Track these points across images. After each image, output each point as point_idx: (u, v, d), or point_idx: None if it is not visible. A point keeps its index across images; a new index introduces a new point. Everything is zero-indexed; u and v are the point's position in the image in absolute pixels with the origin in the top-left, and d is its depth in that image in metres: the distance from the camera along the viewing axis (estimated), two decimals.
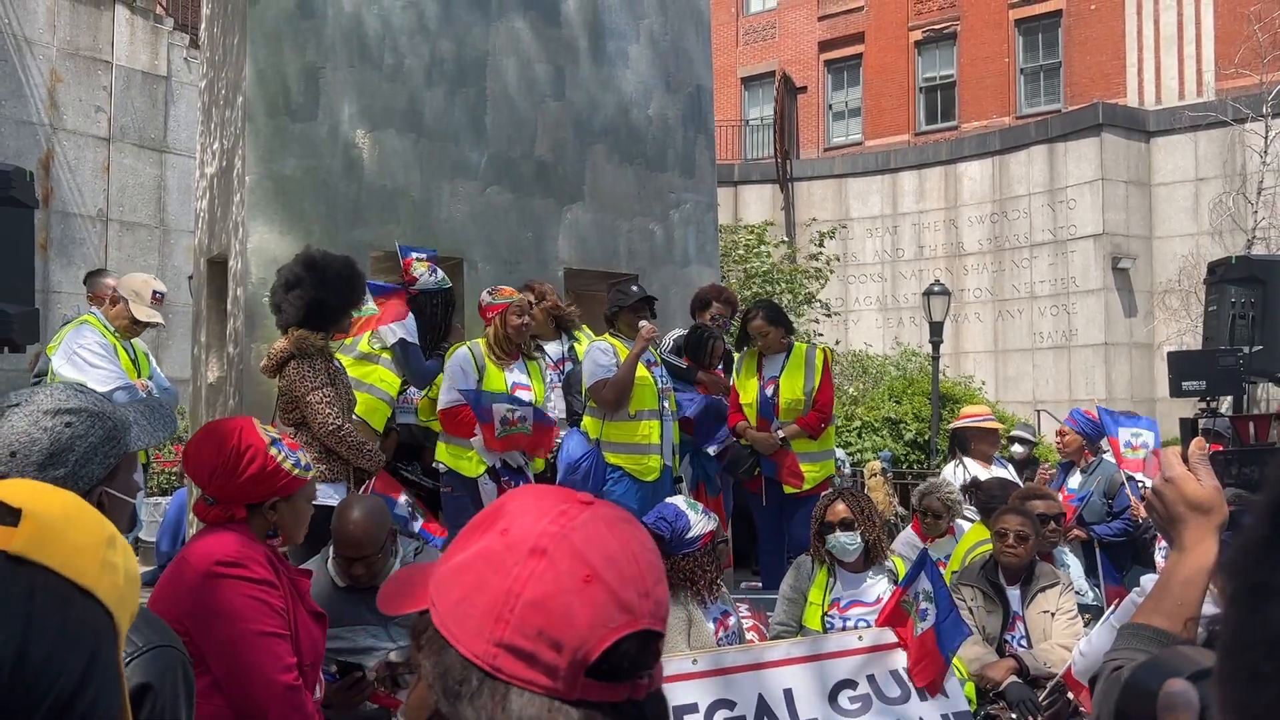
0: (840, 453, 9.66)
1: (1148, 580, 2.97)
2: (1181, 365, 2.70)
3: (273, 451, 2.50)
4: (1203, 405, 2.58)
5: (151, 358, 5.45)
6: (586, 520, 0.98)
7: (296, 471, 2.53)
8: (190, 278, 13.53)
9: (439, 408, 5.10)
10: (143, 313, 5.21)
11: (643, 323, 5.36)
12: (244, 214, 5.40)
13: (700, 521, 3.82)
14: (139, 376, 5.21)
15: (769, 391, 5.79)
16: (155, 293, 5.31)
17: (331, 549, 3.60)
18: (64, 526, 0.96)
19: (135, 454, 1.74)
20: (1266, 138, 16.70)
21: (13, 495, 0.96)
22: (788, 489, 5.64)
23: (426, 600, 0.99)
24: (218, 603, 2.38)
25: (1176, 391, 2.71)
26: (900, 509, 12.18)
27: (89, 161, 13.89)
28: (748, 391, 5.90)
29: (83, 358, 4.93)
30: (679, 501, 4.03)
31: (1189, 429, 1.50)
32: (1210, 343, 4.72)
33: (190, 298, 12.51)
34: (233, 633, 2.39)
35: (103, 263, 13.69)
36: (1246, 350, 4.47)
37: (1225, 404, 15.35)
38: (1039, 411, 17.03)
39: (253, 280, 5.35)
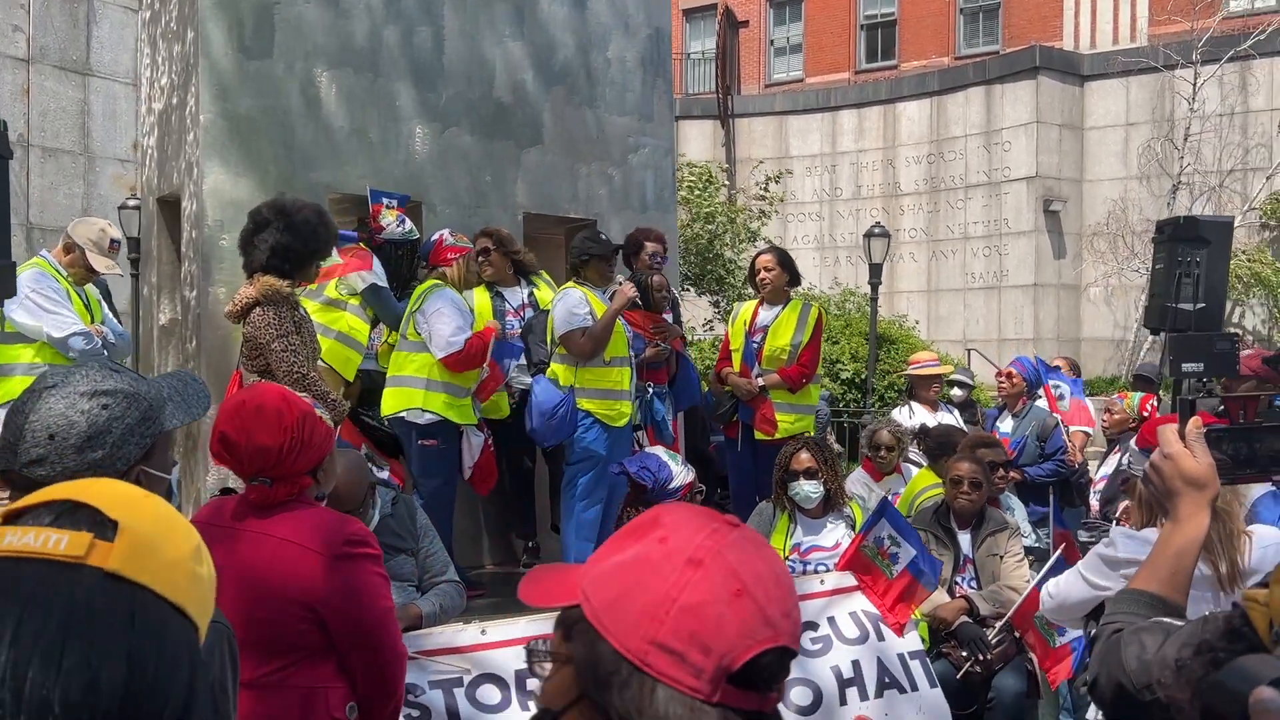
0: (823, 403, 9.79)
1: (1117, 533, 3.15)
2: (1180, 347, 2.84)
3: (319, 411, 2.44)
4: (1198, 384, 2.72)
5: (105, 304, 5.31)
6: (736, 540, 1.06)
7: (330, 424, 2.51)
8: (121, 208, 13.14)
9: (450, 352, 5.00)
10: (101, 263, 5.04)
11: (625, 283, 5.39)
12: (198, 154, 5.26)
13: (681, 472, 3.92)
14: (93, 322, 5.08)
15: (756, 339, 5.90)
16: (113, 241, 5.14)
17: None
18: (157, 541, 0.94)
19: (171, 432, 1.74)
20: (1195, 84, 17.08)
21: (107, 503, 0.94)
22: (759, 435, 5.75)
23: (572, 596, 1.07)
24: (357, 584, 2.32)
25: (1176, 372, 2.86)
26: (838, 447, 12.50)
27: (7, 84, 13.27)
28: (737, 338, 6.02)
29: (36, 303, 4.79)
30: (660, 452, 4.12)
31: (1187, 408, 1.58)
32: (1156, 299, 4.90)
33: (122, 230, 12.15)
34: (375, 612, 2.36)
35: (24, 192, 13.17)
36: (1190, 308, 4.66)
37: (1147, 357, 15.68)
38: (969, 350, 17.47)
39: (208, 223, 5.24)
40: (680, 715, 0.99)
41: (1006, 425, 6.98)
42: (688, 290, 16.02)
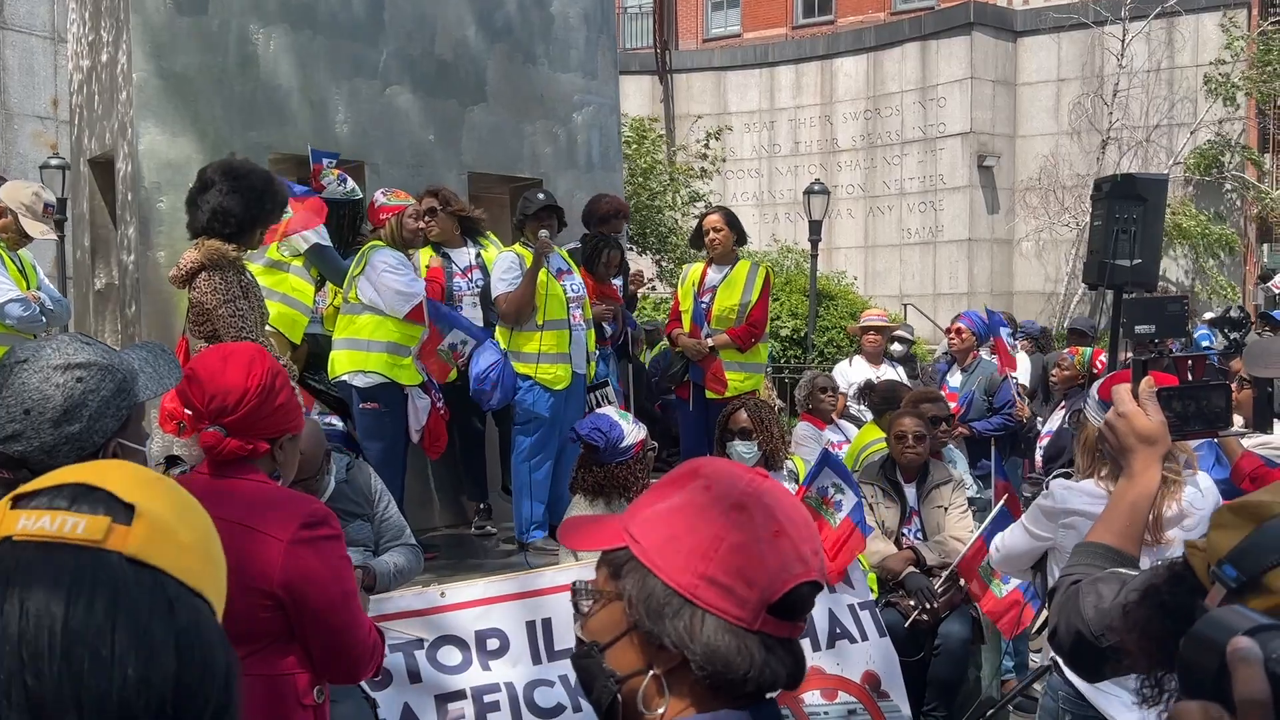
0: None
1: (1055, 485, 3.25)
2: (1134, 310, 2.97)
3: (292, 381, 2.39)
4: (1149, 345, 2.87)
5: (39, 269, 5.16)
6: (770, 488, 1.20)
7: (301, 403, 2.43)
8: (43, 167, 12.71)
9: (411, 304, 4.98)
10: (35, 229, 4.89)
11: (542, 232, 5.35)
12: (132, 114, 5.10)
13: (632, 431, 3.95)
14: (28, 288, 4.93)
15: (705, 300, 5.93)
16: (47, 204, 4.98)
17: None
18: (174, 524, 0.92)
19: (144, 403, 1.72)
20: (1124, 40, 17.39)
21: (121, 486, 0.91)
22: (709, 394, 5.82)
23: (617, 539, 1.19)
24: (315, 569, 2.22)
25: (1130, 334, 3.00)
26: (779, 402, 12.68)
27: None
28: (687, 299, 6.04)
29: None
30: (611, 412, 4.14)
31: (1140, 369, 1.63)
32: (1095, 255, 5.05)
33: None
34: (335, 597, 2.28)
35: None
36: (1127, 264, 4.81)
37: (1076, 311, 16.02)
38: (905, 305, 17.75)
39: (145, 184, 5.10)
40: (727, 641, 1.11)
41: (955, 380, 7.10)
42: (631, 249, 15.99)
